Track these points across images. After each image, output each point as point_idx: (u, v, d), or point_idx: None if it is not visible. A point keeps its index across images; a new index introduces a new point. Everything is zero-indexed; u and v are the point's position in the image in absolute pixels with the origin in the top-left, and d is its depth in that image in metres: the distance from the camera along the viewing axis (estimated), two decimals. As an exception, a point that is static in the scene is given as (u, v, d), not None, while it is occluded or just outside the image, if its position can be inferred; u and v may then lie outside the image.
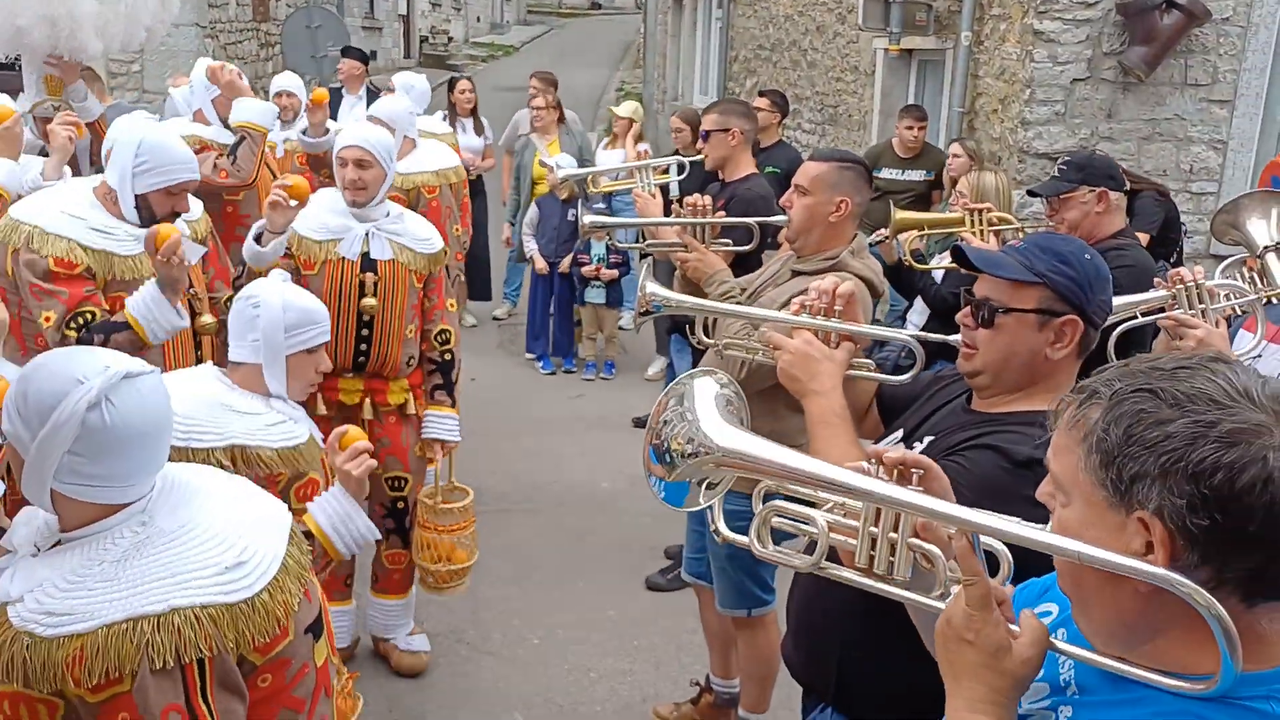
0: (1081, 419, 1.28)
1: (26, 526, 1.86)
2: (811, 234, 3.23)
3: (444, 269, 4.21)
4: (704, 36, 15.40)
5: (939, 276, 4.53)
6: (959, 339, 2.20)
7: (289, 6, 14.64)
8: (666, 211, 4.02)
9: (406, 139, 5.42)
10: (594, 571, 5.10)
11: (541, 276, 7.91)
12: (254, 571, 1.83)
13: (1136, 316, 3.15)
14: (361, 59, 8.46)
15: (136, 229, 3.47)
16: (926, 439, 2.22)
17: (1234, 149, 6.85)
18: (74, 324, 3.26)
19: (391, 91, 6.41)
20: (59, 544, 1.82)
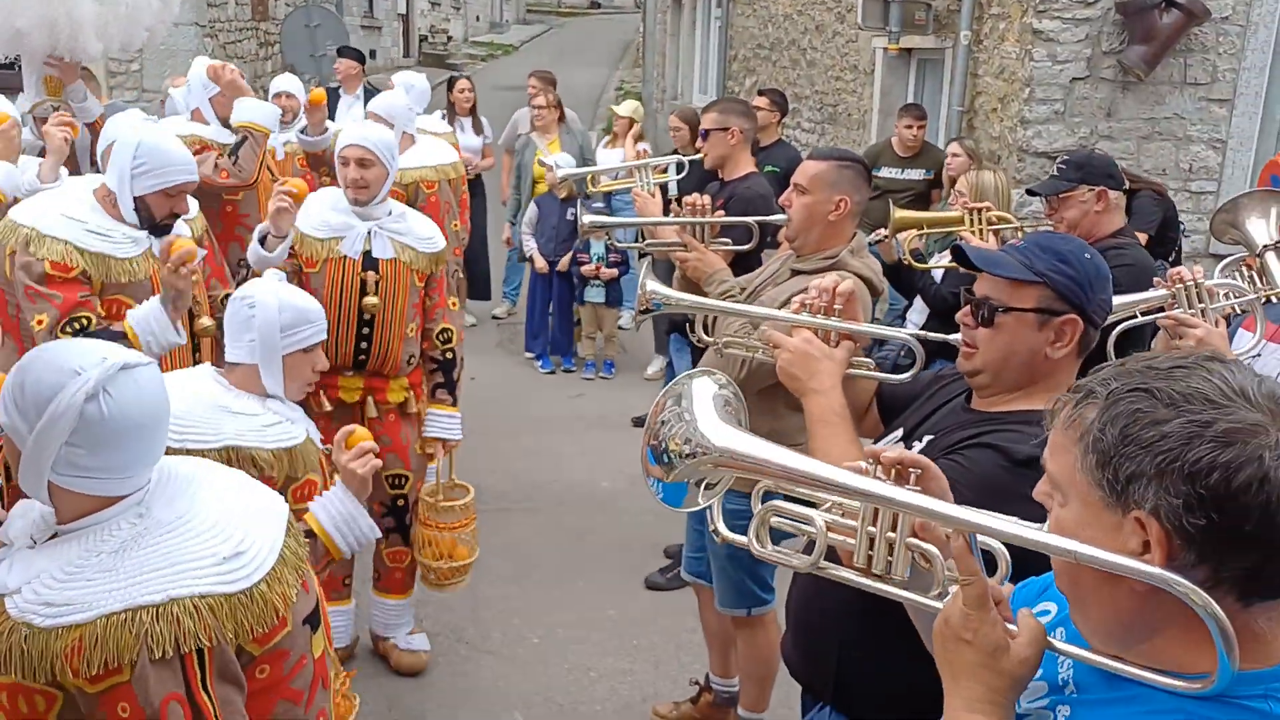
0: (1078, 418, 1.29)
1: (23, 519, 1.86)
2: (811, 233, 3.23)
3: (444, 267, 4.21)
4: (703, 35, 15.39)
5: (938, 276, 4.53)
6: (959, 338, 2.20)
7: (288, 6, 14.62)
8: (665, 211, 4.02)
9: (405, 135, 5.44)
10: (594, 571, 5.10)
11: (541, 276, 7.90)
12: (252, 562, 1.83)
13: (1136, 316, 3.16)
14: (358, 58, 8.45)
15: (135, 231, 3.48)
16: (926, 438, 2.22)
17: (1233, 148, 6.85)
18: (68, 329, 3.26)
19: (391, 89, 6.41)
20: (55, 536, 1.82)
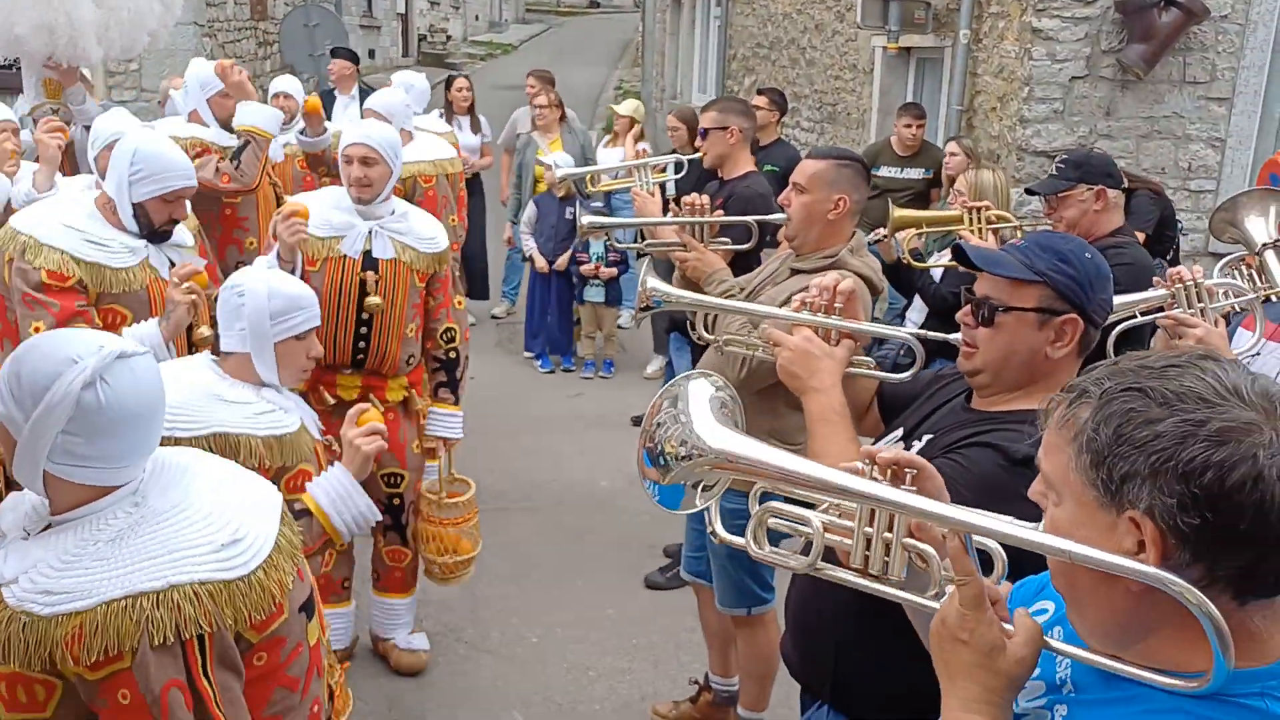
0: (1071, 418, 1.29)
1: (13, 512, 1.86)
2: (810, 232, 3.23)
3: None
4: (702, 35, 15.40)
5: (937, 275, 4.52)
6: (959, 338, 2.20)
7: (286, 5, 14.62)
8: (664, 211, 4.02)
9: (403, 131, 5.44)
10: (593, 570, 5.10)
11: (540, 275, 7.90)
12: (249, 549, 1.84)
13: (1136, 316, 3.16)
14: (351, 59, 8.39)
15: (133, 241, 3.49)
16: (925, 437, 2.22)
17: (1232, 147, 6.85)
18: None
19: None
20: (49, 527, 1.82)
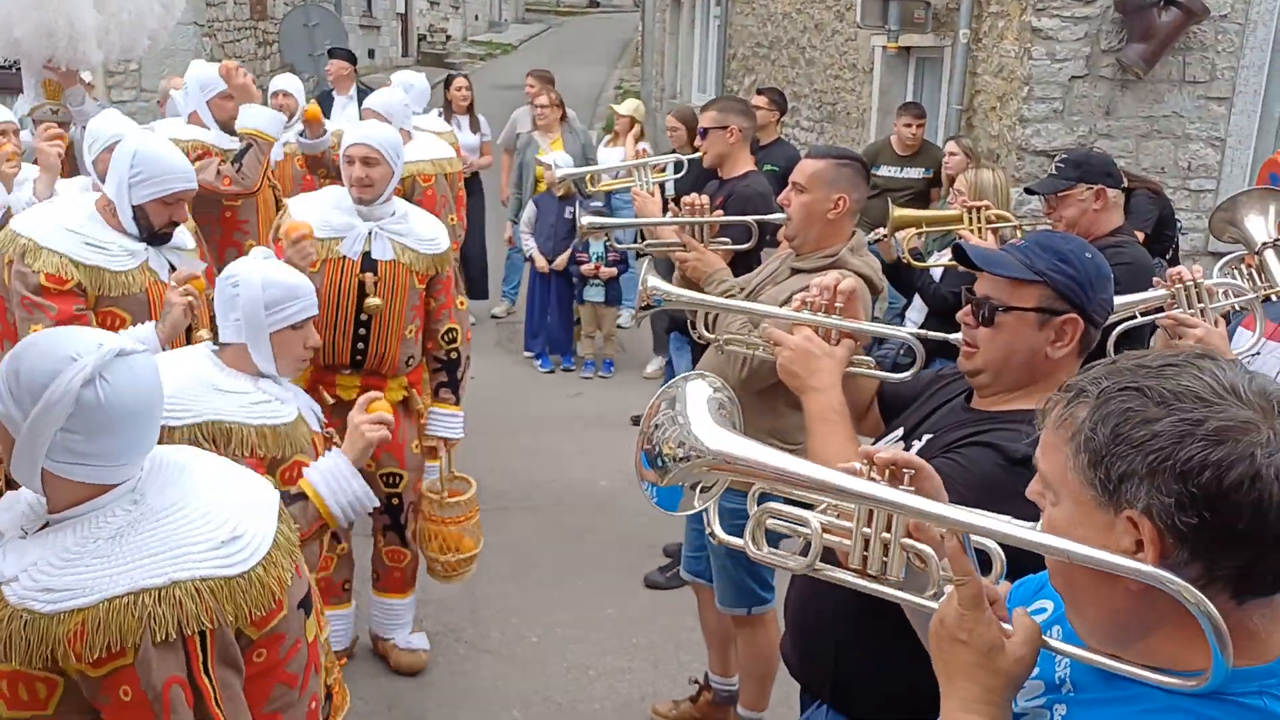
0: (1069, 418, 1.28)
1: (9, 511, 1.86)
2: (810, 231, 3.23)
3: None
4: (702, 34, 15.40)
5: (937, 274, 4.53)
6: (959, 338, 2.20)
7: (286, 5, 14.63)
8: (664, 210, 4.02)
9: (402, 130, 5.44)
10: (593, 570, 5.10)
11: (540, 275, 7.90)
12: (248, 546, 1.85)
13: (1136, 316, 3.16)
14: (348, 59, 8.34)
15: (132, 244, 3.49)
16: (925, 437, 2.22)
17: (1232, 146, 6.85)
18: None
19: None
20: (46, 526, 1.82)
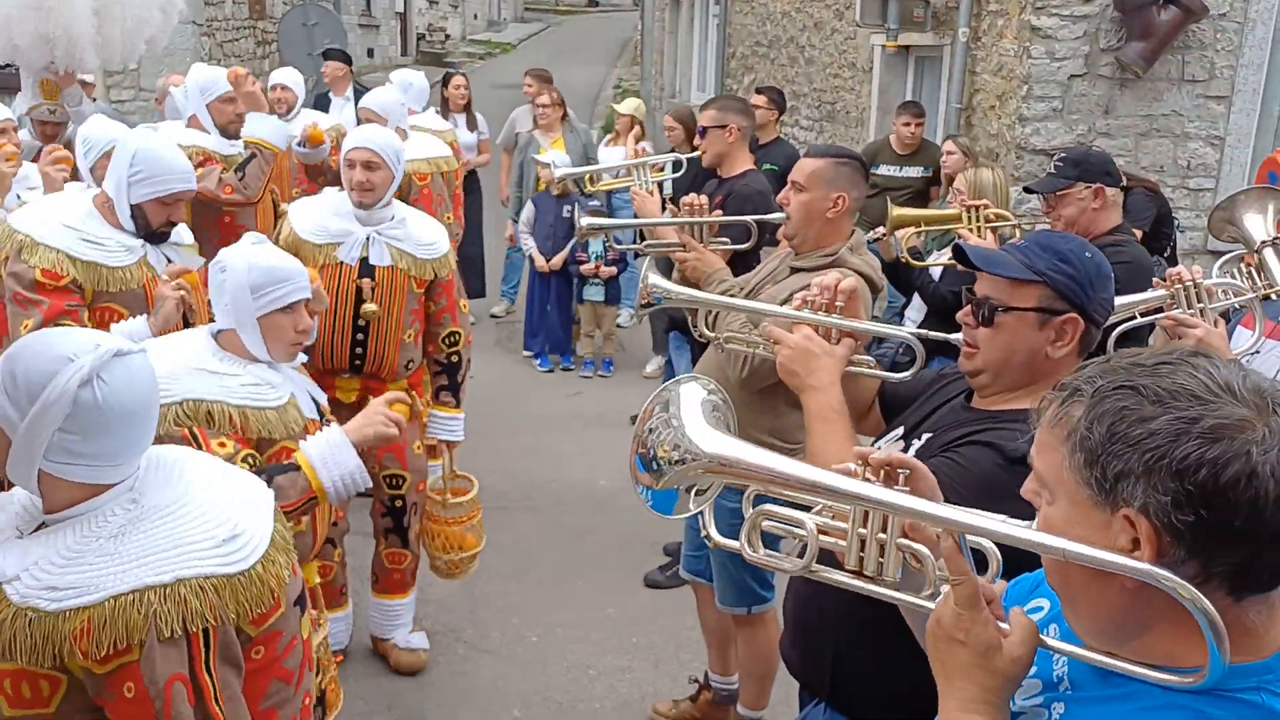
0: (1064, 417, 1.28)
1: (3, 512, 1.87)
2: (809, 230, 3.23)
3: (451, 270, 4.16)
4: (701, 33, 15.39)
5: (936, 273, 4.52)
6: (959, 338, 2.20)
7: (285, 4, 14.61)
8: (663, 210, 4.02)
9: (398, 129, 5.48)
10: (593, 569, 5.10)
11: (540, 274, 7.90)
12: (248, 545, 1.86)
13: (1135, 317, 3.15)
14: (344, 60, 8.29)
15: (130, 240, 3.49)
16: (925, 436, 2.22)
17: (1231, 145, 6.85)
18: None
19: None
20: (42, 526, 1.83)
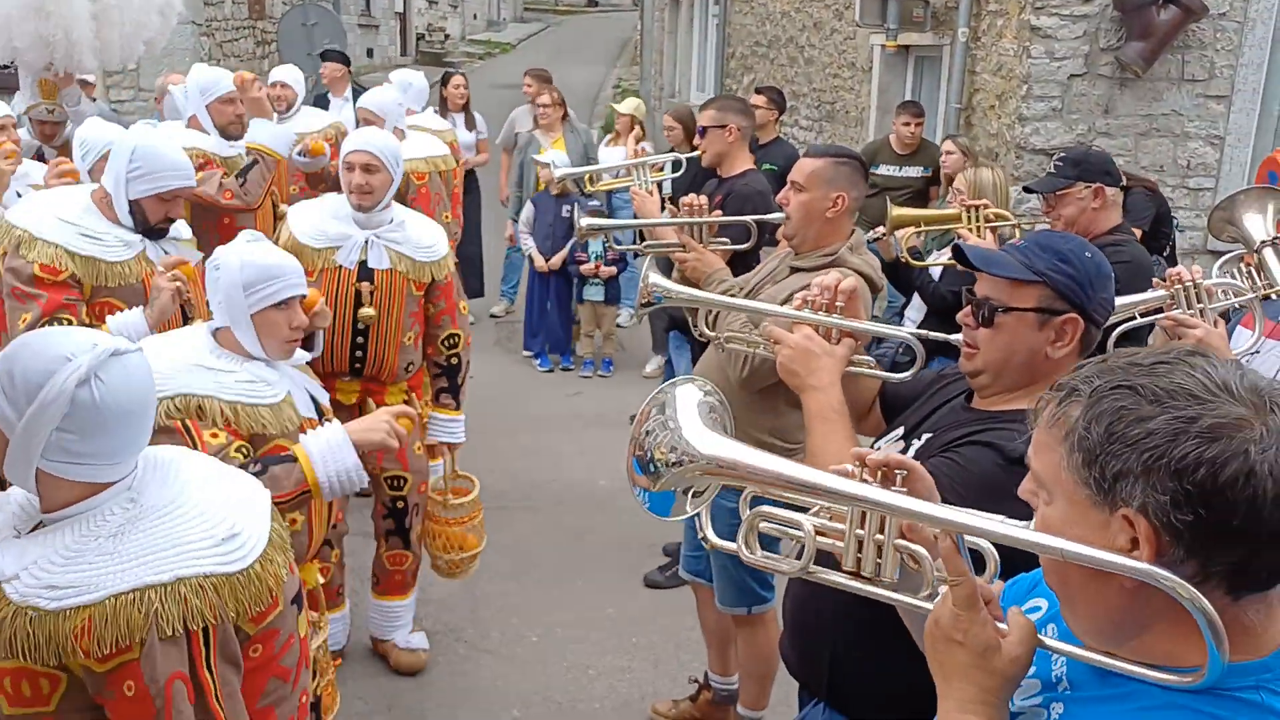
0: (1062, 417, 1.28)
1: (1, 512, 1.87)
2: (809, 230, 3.23)
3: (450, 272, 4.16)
4: (701, 33, 15.40)
5: (936, 273, 4.52)
6: (959, 338, 2.20)
7: (285, 4, 14.61)
8: (662, 210, 4.02)
9: (395, 129, 5.49)
10: (593, 569, 5.10)
11: (539, 274, 7.89)
12: (246, 544, 1.87)
13: (1135, 317, 3.15)
14: (342, 60, 8.25)
15: (128, 235, 3.48)
16: (925, 436, 2.21)
17: (1231, 144, 6.85)
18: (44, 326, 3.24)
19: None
20: (40, 526, 1.83)
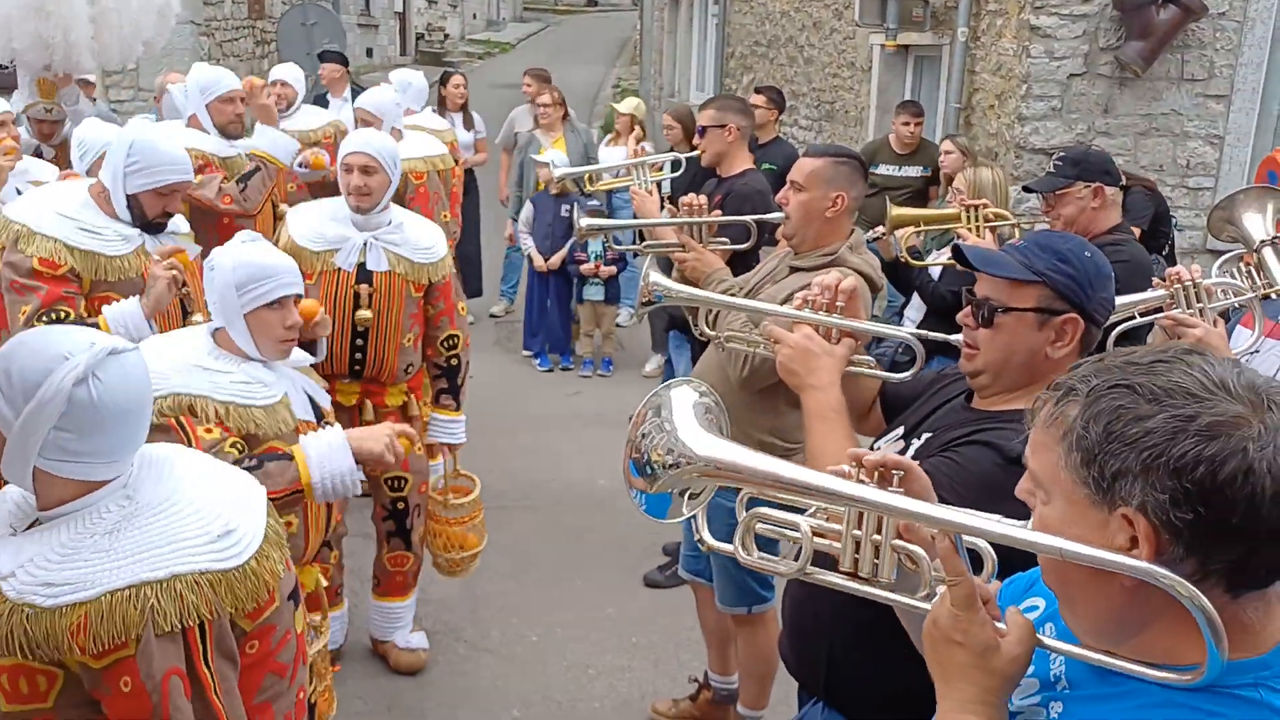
0: (1059, 416, 1.28)
1: None
2: (808, 229, 3.23)
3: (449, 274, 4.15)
4: (700, 33, 15.39)
5: (936, 273, 4.52)
6: (959, 338, 2.20)
7: (284, 4, 14.60)
8: (662, 210, 4.02)
9: (393, 130, 5.49)
10: (592, 569, 5.10)
11: (539, 274, 7.89)
12: (242, 540, 1.88)
13: (1135, 317, 3.15)
14: (340, 61, 8.27)
15: (127, 229, 3.48)
16: (924, 436, 2.21)
17: (1230, 144, 6.85)
18: (44, 320, 3.24)
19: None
20: (36, 524, 1.83)
